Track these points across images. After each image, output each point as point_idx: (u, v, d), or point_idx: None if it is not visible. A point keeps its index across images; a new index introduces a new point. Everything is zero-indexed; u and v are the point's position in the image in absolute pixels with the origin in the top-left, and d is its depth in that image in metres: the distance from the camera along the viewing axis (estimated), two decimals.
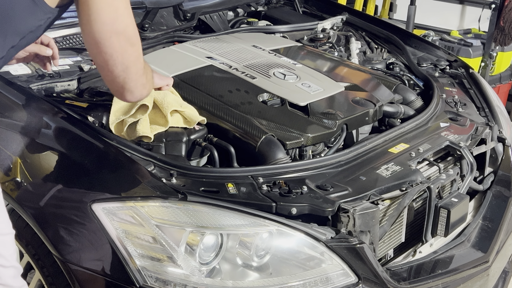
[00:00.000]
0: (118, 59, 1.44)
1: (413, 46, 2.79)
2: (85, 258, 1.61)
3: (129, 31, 1.45)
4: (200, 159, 1.87)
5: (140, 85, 1.53)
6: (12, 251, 1.53)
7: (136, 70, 1.50)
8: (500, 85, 4.23)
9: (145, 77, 1.55)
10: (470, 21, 4.91)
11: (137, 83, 1.52)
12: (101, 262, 1.60)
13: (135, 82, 1.51)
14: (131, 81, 1.50)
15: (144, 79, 1.54)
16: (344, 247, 1.62)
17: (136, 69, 1.50)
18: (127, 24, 1.45)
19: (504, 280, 2.22)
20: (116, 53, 1.43)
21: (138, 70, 1.51)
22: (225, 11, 2.87)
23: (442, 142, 2.03)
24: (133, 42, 1.47)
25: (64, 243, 1.64)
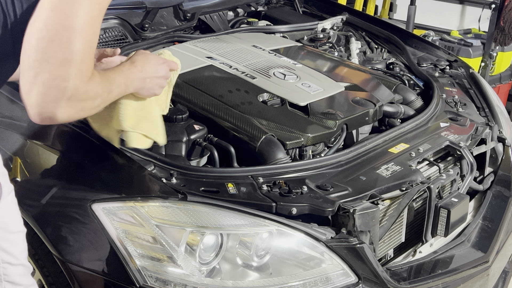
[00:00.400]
0: (43, 41, 1.20)
1: (413, 46, 2.79)
2: (85, 258, 1.61)
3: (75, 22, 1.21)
4: (200, 159, 1.87)
5: (52, 99, 1.21)
6: (22, 249, 1.51)
7: (56, 76, 1.20)
8: (500, 85, 4.23)
9: (68, 98, 1.22)
10: (470, 21, 4.91)
11: (50, 93, 1.21)
12: (101, 262, 1.60)
13: (47, 89, 1.20)
14: (43, 85, 1.20)
15: (64, 99, 1.22)
16: (344, 247, 1.62)
17: (57, 74, 1.20)
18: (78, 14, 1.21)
19: (504, 280, 2.22)
20: (45, 32, 1.20)
21: (59, 78, 1.20)
22: (225, 11, 2.87)
23: (442, 142, 2.03)
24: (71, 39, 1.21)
25: (64, 243, 1.64)
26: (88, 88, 1.27)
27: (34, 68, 1.20)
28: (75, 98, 1.24)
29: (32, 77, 1.20)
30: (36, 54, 1.20)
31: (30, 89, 1.21)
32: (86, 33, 1.23)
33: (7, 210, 1.44)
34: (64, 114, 1.25)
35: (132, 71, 1.47)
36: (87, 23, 1.23)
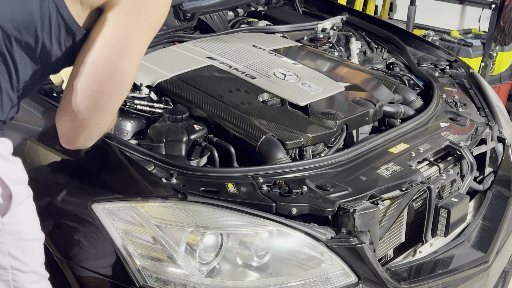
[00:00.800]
0: (97, 94, 1.31)
1: (413, 46, 2.79)
2: (85, 258, 1.61)
3: (127, 77, 1.34)
4: (200, 159, 1.87)
5: (91, 137, 1.40)
6: (35, 257, 1.46)
7: (101, 121, 1.36)
8: (500, 85, 4.23)
9: (102, 133, 1.43)
10: (470, 21, 4.91)
11: (91, 134, 1.38)
12: (101, 262, 1.60)
13: (90, 132, 1.37)
14: (88, 128, 1.36)
15: (99, 134, 1.42)
16: (344, 247, 1.62)
17: (102, 120, 1.36)
18: (130, 69, 1.33)
19: (504, 280, 2.22)
20: (100, 87, 1.31)
21: (103, 122, 1.37)
22: (225, 11, 2.87)
23: (442, 142, 2.03)
24: (122, 92, 1.35)
25: (64, 243, 1.64)
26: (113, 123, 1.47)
27: (83, 114, 1.32)
28: (106, 132, 1.44)
29: (79, 120, 1.33)
30: (88, 103, 1.31)
31: (74, 128, 1.35)
32: (132, 81, 1.37)
33: (20, 217, 1.40)
34: (92, 144, 1.43)
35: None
36: (135, 72, 1.35)
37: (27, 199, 1.43)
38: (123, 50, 1.29)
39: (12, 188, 1.35)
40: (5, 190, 1.33)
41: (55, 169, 1.72)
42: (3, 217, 1.34)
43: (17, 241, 1.40)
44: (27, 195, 1.43)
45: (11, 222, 1.37)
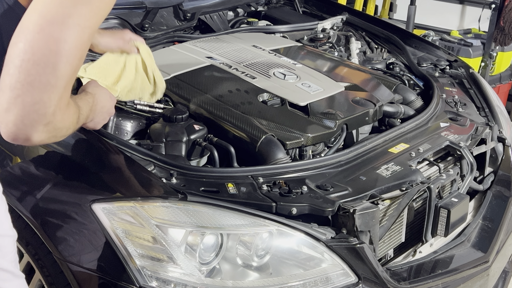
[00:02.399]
0: (28, 63, 1.16)
1: (413, 46, 2.79)
2: (85, 258, 1.61)
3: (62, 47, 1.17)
4: (200, 159, 1.87)
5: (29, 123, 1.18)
6: (4, 254, 1.45)
7: (38, 100, 1.17)
8: (500, 85, 4.24)
9: (45, 124, 1.20)
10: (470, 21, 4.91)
11: (28, 117, 1.18)
12: (101, 262, 1.60)
13: (26, 113, 1.17)
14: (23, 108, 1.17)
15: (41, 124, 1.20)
16: (344, 247, 1.62)
17: (38, 99, 1.17)
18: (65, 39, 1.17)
19: (504, 280, 2.22)
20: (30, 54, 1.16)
21: (40, 102, 1.18)
22: (225, 11, 2.87)
23: (442, 142, 2.03)
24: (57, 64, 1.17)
25: (64, 243, 1.64)
26: (64, 116, 1.24)
27: (16, 89, 1.16)
28: (52, 124, 1.22)
29: (13, 98, 1.17)
30: (19, 75, 1.16)
31: (8, 108, 1.18)
32: (72, 58, 1.19)
33: None
34: (38, 138, 1.22)
35: (94, 104, 1.49)
36: (75, 48, 1.19)
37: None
38: (54, 17, 1.17)
39: None
40: None
41: (55, 169, 1.72)
42: None
43: None
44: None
45: None
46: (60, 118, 1.23)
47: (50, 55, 1.16)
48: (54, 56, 1.16)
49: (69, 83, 1.22)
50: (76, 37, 1.18)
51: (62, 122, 1.24)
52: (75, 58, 1.20)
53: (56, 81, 1.18)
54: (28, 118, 1.18)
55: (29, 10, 1.19)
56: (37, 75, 1.16)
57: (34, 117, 1.19)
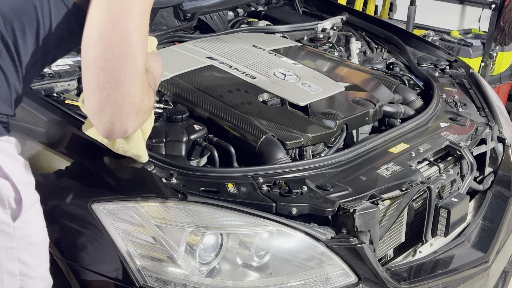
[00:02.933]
0: (111, 61, 1.21)
1: (413, 46, 2.79)
2: (85, 258, 1.61)
3: (135, 37, 1.23)
4: (200, 159, 1.87)
5: (125, 116, 1.26)
6: (42, 261, 1.43)
7: (127, 93, 1.23)
8: (500, 85, 4.24)
9: (137, 112, 1.27)
10: (470, 21, 4.91)
11: (123, 111, 1.25)
12: (101, 262, 1.60)
13: (120, 107, 1.24)
14: (116, 103, 1.23)
15: (134, 113, 1.27)
16: (344, 247, 1.62)
17: (128, 91, 1.23)
18: (136, 28, 1.23)
19: (504, 280, 2.22)
20: (110, 52, 1.21)
21: (130, 94, 1.24)
22: (225, 11, 2.87)
23: (442, 142, 2.03)
24: (135, 54, 1.23)
25: (64, 243, 1.64)
26: (149, 98, 1.31)
27: (105, 89, 1.22)
28: (142, 110, 1.29)
29: (104, 98, 1.23)
30: (105, 75, 1.22)
31: (102, 109, 1.24)
32: (143, 43, 1.26)
33: (30, 221, 1.37)
34: (134, 127, 1.30)
35: (155, 76, 1.49)
36: (144, 34, 1.26)
37: (36, 202, 1.41)
38: (122, 10, 1.22)
39: (22, 192, 1.33)
40: (17, 194, 1.32)
41: (54, 169, 1.72)
42: (14, 222, 1.32)
43: (27, 245, 1.37)
44: (36, 198, 1.41)
45: (22, 226, 1.35)
46: (147, 102, 1.30)
47: (128, 47, 1.22)
48: (132, 47, 1.22)
49: (145, 67, 1.28)
50: (142, 23, 1.25)
51: (148, 105, 1.32)
52: (144, 42, 1.26)
53: (138, 70, 1.24)
54: (123, 112, 1.25)
55: (94, 7, 1.23)
56: (122, 70, 1.22)
57: (128, 109, 1.25)
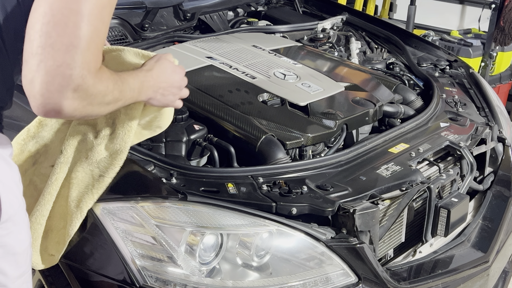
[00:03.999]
0: (48, 25, 1.13)
1: (413, 46, 2.79)
2: (85, 258, 1.61)
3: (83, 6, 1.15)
4: (200, 159, 1.87)
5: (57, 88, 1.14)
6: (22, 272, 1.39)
7: (62, 62, 1.13)
8: (500, 85, 4.24)
9: (73, 90, 1.15)
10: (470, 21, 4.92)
11: (55, 81, 1.13)
12: (101, 262, 1.60)
13: (52, 77, 1.13)
14: (46, 73, 1.13)
15: (69, 88, 1.15)
16: (344, 247, 1.62)
17: (62, 61, 1.13)
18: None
19: (504, 280, 2.22)
20: (50, 16, 1.13)
21: (64, 64, 1.13)
22: (225, 11, 2.87)
23: (442, 142, 2.03)
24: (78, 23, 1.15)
25: None
26: (96, 80, 1.19)
27: (37, 55, 1.13)
28: (81, 89, 1.16)
29: (35, 65, 1.13)
30: (40, 39, 1.13)
31: (33, 77, 1.14)
32: (94, 19, 1.16)
33: (12, 229, 1.33)
34: (70, 106, 1.16)
35: (148, 79, 1.40)
36: (95, 8, 1.16)
37: (20, 210, 1.37)
38: None
39: (3, 196, 1.29)
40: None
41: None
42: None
43: (7, 255, 1.34)
44: (19, 205, 1.36)
45: (2, 234, 1.31)
46: (91, 82, 1.18)
47: (70, 14, 1.13)
48: (75, 15, 1.14)
49: (94, 46, 1.17)
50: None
51: (94, 87, 1.19)
52: (96, 19, 1.17)
53: (78, 42, 1.14)
54: (54, 84, 1.14)
55: None
56: (58, 37, 1.13)
57: (60, 81, 1.14)
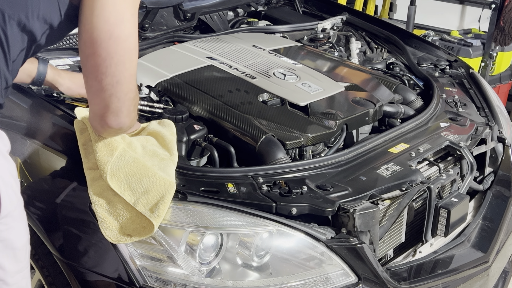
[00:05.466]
0: (111, 67, 1.32)
1: (413, 46, 2.79)
2: (85, 258, 1.61)
3: (130, 42, 1.34)
4: (200, 159, 1.87)
5: (126, 109, 1.39)
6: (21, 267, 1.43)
7: (128, 90, 1.37)
8: (500, 85, 4.24)
9: (134, 104, 1.43)
10: (470, 21, 4.91)
11: (125, 105, 1.38)
12: (101, 262, 1.60)
13: (122, 103, 1.37)
14: (119, 101, 1.36)
15: (132, 105, 1.41)
16: (344, 247, 1.62)
17: (128, 89, 1.37)
18: (130, 33, 1.33)
19: (504, 280, 2.22)
20: (110, 59, 1.31)
21: (130, 91, 1.37)
22: (225, 11, 2.87)
23: (442, 142, 2.03)
24: (131, 56, 1.35)
25: (64, 243, 1.64)
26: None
27: (107, 90, 1.34)
28: (136, 101, 1.42)
29: (108, 97, 1.35)
30: (108, 78, 1.32)
31: (106, 106, 1.37)
32: (136, 44, 1.36)
33: (11, 225, 1.37)
34: (133, 118, 1.44)
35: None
36: (135, 35, 1.34)
37: (18, 206, 1.40)
38: (116, 18, 1.30)
39: (2, 191, 1.32)
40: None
41: (55, 169, 1.72)
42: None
43: (5, 249, 1.37)
44: (18, 201, 1.40)
45: (2, 229, 1.34)
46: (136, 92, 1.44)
47: (125, 53, 1.33)
48: (128, 52, 1.34)
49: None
50: (134, 25, 1.35)
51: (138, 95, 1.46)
52: (137, 41, 1.38)
53: (134, 70, 1.37)
54: (125, 106, 1.38)
55: (87, 15, 1.31)
56: (121, 73, 1.34)
57: (128, 104, 1.39)
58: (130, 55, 1.34)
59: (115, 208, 1.52)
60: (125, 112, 1.39)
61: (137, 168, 1.54)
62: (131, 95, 1.38)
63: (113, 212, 1.52)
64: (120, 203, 1.52)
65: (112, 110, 1.37)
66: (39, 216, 1.68)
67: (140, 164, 1.55)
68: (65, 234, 1.65)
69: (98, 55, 1.31)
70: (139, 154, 1.59)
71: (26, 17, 1.33)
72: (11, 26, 1.32)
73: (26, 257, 1.46)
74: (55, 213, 1.66)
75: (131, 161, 1.55)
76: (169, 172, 1.59)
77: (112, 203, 1.52)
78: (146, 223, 1.51)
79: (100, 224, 1.51)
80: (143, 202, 1.51)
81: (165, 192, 1.52)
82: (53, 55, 2.09)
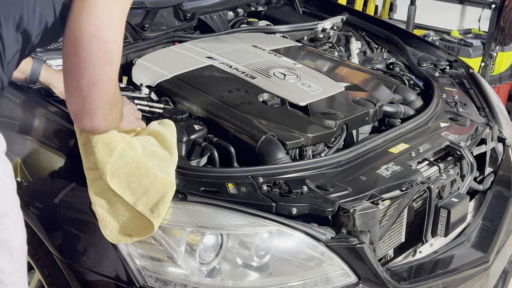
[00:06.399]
0: (89, 69, 1.31)
1: (413, 46, 2.79)
2: (85, 258, 1.61)
3: (112, 46, 1.32)
4: (200, 159, 1.87)
5: (101, 112, 1.39)
6: (18, 267, 1.44)
7: (104, 94, 1.36)
8: (500, 85, 4.24)
9: (111, 108, 1.41)
10: (470, 21, 4.91)
11: (99, 108, 1.37)
12: (101, 262, 1.60)
13: (97, 105, 1.36)
14: (93, 103, 1.36)
15: (108, 108, 1.40)
16: (344, 247, 1.62)
17: (104, 92, 1.35)
18: (114, 37, 1.32)
19: (504, 280, 2.22)
20: (89, 61, 1.30)
21: (106, 94, 1.36)
22: (225, 11, 2.87)
23: (442, 142, 2.03)
24: (112, 60, 1.33)
25: (64, 243, 1.64)
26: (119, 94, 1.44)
27: (83, 91, 1.33)
28: (115, 107, 1.43)
29: (83, 98, 1.34)
30: (84, 79, 1.32)
31: (80, 107, 1.36)
32: (119, 49, 1.35)
33: (7, 225, 1.38)
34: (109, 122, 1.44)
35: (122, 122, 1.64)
36: (119, 40, 1.34)
37: (14, 206, 1.40)
38: (102, 21, 1.30)
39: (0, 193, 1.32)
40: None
41: (55, 169, 1.72)
42: None
43: (3, 250, 1.37)
44: (14, 201, 1.40)
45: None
46: (118, 98, 1.44)
47: (106, 56, 1.31)
48: (109, 55, 1.32)
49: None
50: (120, 30, 1.33)
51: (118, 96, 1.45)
52: (121, 47, 1.36)
53: (114, 75, 1.36)
54: (100, 109, 1.38)
55: (75, 14, 1.30)
56: (99, 76, 1.32)
57: (103, 107, 1.38)
58: (110, 59, 1.33)
59: (115, 208, 1.52)
60: (100, 115, 1.39)
61: (137, 168, 1.54)
62: (107, 99, 1.37)
63: (113, 212, 1.52)
64: (120, 203, 1.52)
65: (86, 111, 1.37)
66: (39, 216, 1.68)
67: (140, 164, 1.55)
68: (65, 234, 1.65)
69: (78, 55, 1.30)
70: (139, 154, 1.59)
71: (21, 18, 1.33)
72: (7, 28, 1.32)
73: (23, 257, 1.46)
74: (55, 213, 1.66)
75: (131, 161, 1.55)
76: (169, 172, 1.59)
77: (112, 203, 1.52)
78: (146, 223, 1.51)
79: (100, 224, 1.51)
80: (143, 202, 1.51)
81: (165, 192, 1.53)
82: (53, 55, 2.09)
